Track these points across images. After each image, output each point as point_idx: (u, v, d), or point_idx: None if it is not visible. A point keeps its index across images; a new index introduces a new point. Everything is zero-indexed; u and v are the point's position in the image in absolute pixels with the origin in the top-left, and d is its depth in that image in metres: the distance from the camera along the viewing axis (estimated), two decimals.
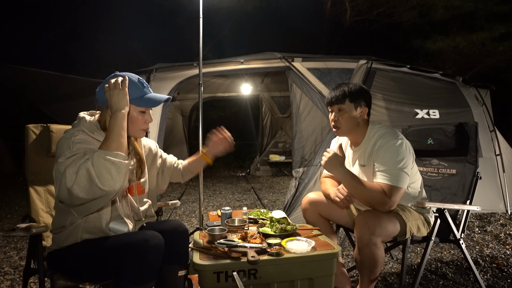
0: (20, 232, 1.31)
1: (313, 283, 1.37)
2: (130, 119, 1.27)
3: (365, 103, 1.75)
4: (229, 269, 1.28)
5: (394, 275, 2.24)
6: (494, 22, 7.68)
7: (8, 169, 7.43)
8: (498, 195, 3.80)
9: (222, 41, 11.29)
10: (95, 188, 1.04)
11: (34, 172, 1.61)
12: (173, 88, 3.89)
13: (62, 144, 1.15)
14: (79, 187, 1.03)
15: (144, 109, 1.31)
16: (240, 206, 4.46)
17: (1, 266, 2.42)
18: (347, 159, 1.87)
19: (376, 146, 1.66)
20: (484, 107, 4.13)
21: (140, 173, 1.43)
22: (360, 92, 1.74)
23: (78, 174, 1.04)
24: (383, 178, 1.58)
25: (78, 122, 1.27)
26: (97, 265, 1.21)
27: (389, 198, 1.56)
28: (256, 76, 6.55)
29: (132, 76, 1.30)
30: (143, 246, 1.13)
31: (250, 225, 1.79)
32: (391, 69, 3.92)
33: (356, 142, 1.81)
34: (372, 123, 1.78)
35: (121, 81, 1.21)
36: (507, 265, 2.38)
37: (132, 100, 1.26)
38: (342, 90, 1.74)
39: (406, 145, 1.64)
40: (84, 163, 1.06)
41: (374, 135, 1.72)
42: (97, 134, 1.25)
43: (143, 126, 1.34)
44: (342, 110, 1.73)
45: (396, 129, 1.74)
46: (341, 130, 1.77)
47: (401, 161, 1.58)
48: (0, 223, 3.61)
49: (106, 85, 1.22)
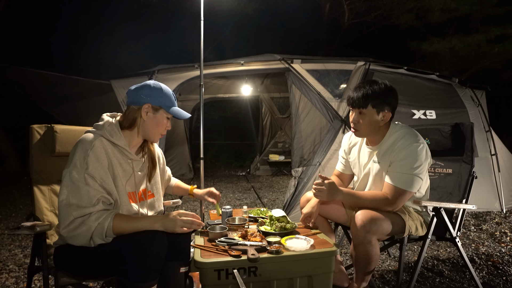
0: (24, 230, 1.31)
1: (312, 280, 1.38)
2: (157, 122, 1.38)
3: (389, 108, 1.62)
4: (230, 267, 1.28)
5: (391, 272, 2.24)
6: (490, 24, 7.69)
7: (13, 169, 7.42)
8: (493, 194, 3.80)
9: (223, 43, 11.29)
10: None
11: (39, 171, 1.61)
12: (175, 89, 3.89)
13: (79, 151, 1.23)
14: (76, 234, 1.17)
15: (170, 116, 1.42)
16: (241, 205, 4.46)
17: (6, 263, 2.42)
18: (361, 157, 1.81)
19: (396, 146, 1.60)
20: (480, 107, 4.13)
21: (151, 176, 1.48)
22: (385, 96, 1.60)
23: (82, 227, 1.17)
24: (395, 181, 1.57)
25: (101, 125, 1.33)
26: (101, 262, 1.21)
27: (394, 201, 1.56)
28: (256, 77, 6.55)
29: (169, 88, 1.44)
30: (146, 245, 1.13)
31: (250, 224, 1.79)
32: (388, 70, 3.92)
33: (374, 142, 1.73)
34: (393, 123, 1.70)
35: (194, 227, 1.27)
36: (502, 263, 2.38)
37: (164, 106, 1.37)
38: (365, 92, 1.60)
39: (426, 150, 1.59)
40: (92, 222, 1.17)
41: (393, 134, 1.65)
42: (116, 137, 1.31)
43: (163, 132, 1.42)
44: (363, 114, 1.63)
45: (416, 131, 1.66)
46: (360, 133, 1.69)
47: (419, 166, 1.55)
48: (5, 222, 3.61)
49: (184, 219, 1.25)
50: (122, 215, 1.23)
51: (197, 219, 1.28)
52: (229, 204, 4.20)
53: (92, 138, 1.26)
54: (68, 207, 1.17)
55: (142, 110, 1.35)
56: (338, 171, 2.01)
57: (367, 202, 1.61)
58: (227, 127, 11.37)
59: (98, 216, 1.18)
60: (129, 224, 1.20)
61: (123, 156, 1.34)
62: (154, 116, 1.37)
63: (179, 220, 1.22)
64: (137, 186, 1.40)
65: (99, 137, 1.27)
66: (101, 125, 1.32)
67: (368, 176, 1.77)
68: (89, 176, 1.18)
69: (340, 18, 10.57)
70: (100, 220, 1.17)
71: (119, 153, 1.32)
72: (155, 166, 1.51)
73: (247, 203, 4.55)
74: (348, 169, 1.95)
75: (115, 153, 1.30)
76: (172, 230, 1.22)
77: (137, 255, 1.12)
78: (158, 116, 1.37)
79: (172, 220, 1.22)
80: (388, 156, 1.63)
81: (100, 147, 1.25)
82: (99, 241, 1.18)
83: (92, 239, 1.18)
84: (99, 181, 1.21)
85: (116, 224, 1.19)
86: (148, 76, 3.85)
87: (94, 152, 1.22)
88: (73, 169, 1.19)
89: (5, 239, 3.01)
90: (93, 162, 1.21)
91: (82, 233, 1.17)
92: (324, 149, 3.46)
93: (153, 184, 1.49)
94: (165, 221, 1.22)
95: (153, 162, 1.50)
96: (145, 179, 1.45)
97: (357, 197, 1.64)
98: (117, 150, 1.31)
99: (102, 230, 1.17)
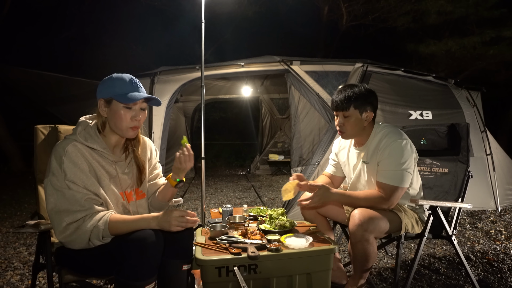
0: (29, 228, 1.31)
1: (310, 278, 1.38)
2: (114, 115, 1.25)
3: (371, 107, 1.67)
4: (230, 264, 1.28)
5: (388, 270, 2.24)
6: (485, 26, 7.69)
7: (17, 168, 7.42)
8: (488, 193, 3.80)
9: (224, 45, 11.29)
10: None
11: (43, 171, 1.60)
12: (176, 90, 3.89)
13: (53, 159, 1.19)
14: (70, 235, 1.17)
15: (130, 105, 1.26)
16: (241, 203, 4.46)
17: (11, 261, 2.42)
18: (351, 158, 1.84)
19: (380, 145, 1.63)
20: (475, 108, 4.12)
21: (140, 182, 1.43)
22: (366, 96, 1.65)
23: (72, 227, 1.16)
24: (386, 178, 1.59)
25: (75, 128, 1.28)
26: (100, 261, 1.21)
27: (388, 198, 1.57)
28: (256, 78, 6.54)
29: (124, 76, 1.29)
30: (142, 244, 1.12)
31: (250, 222, 1.79)
32: (386, 72, 3.92)
33: (360, 143, 1.77)
34: (377, 123, 1.74)
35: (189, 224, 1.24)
36: (497, 260, 2.38)
37: (115, 95, 1.24)
38: (346, 95, 1.65)
39: (410, 145, 1.62)
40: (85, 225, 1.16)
41: (378, 134, 1.68)
42: (90, 141, 1.25)
43: (131, 123, 1.28)
44: (347, 116, 1.67)
45: (399, 128, 1.70)
46: (346, 134, 1.73)
47: (406, 161, 1.57)
48: (10, 220, 3.61)
49: (178, 218, 1.21)
50: (118, 216, 1.22)
51: (192, 216, 1.25)
52: (230, 203, 4.20)
53: (64, 144, 1.21)
54: (59, 214, 1.16)
55: (99, 108, 1.28)
56: (329, 173, 2.03)
57: (362, 202, 1.62)
58: (228, 127, 11.37)
59: (91, 219, 1.16)
60: (125, 225, 1.19)
61: (104, 159, 1.29)
62: (110, 110, 1.26)
63: (173, 219, 1.21)
64: (124, 186, 1.36)
65: (72, 142, 1.22)
66: (74, 130, 1.27)
67: (359, 177, 1.80)
68: (70, 182, 1.16)
69: (339, 21, 10.56)
70: (96, 223, 1.16)
71: (99, 156, 1.28)
72: (143, 171, 1.42)
73: (247, 202, 4.54)
74: (339, 171, 1.98)
75: (94, 156, 1.26)
76: (167, 229, 1.21)
77: (134, 253, 1.11)
78: (114, 108, 1.25)
79: (166, 220, 1.20)
80: (375, 156, 1.66)
81: (74, 152, 1.20)
82: (97, 243, 1.18)
83: (91, 241, 1.18)
84: (81, 185, 1.18)
85: (113, 225, 1.18)
86: (150, 77, 3.85)
87: (68, 157, 1.18)
88: (52, 178, 1.17)
89: (10, 237, 3.01)
90: (70, 168, 1.17)
91: (79, 238, 1.16)
92: (323, 149, 3.46)
93: (144, 183, 1.45)
94: (161, 220, 1.21)
95: (140, 167, 1.41)
96: (134, 180, 1.40)
97: (352, 197, 1.66)
98: (95, 153, 1.27)
99: (99, 232, 1.16)
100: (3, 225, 3.41)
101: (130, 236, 1.15)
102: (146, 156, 1.48)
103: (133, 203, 1.39)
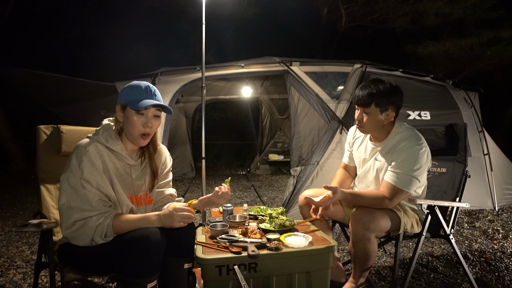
0: (31, 227, 1.31)
1: (310, 276, 1.38)
2: (127, 121, 1.29)
3: (393, 107, 1.60)
4: (231, 263, 1.28)
5: (387, 268, 2.24)
6: (483, 28, 7.70)
7: (20, 168, 7.42)
8: (486, 192, 3.80)
9: (224, 46, 11.27)
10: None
11: (45, 170, 1.61)
12: (177, 91, 3.88)
13: (74, 157, 1.22)
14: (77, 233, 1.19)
15: (141, 111, 1.28)
16: (241, 203, 4.46)
17: (14, 260, 2.42)
18: (364, 151, 1.80)
19: (398, 146, 1.60)
20: (473, 109, 4.12)
21: (152, 187, 1.44)
22: (389, 95, 1.58)
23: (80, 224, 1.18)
24: (393, 179, 1.58)
25: (98, 129, 1.32)
26: (103, 259, 1.21)
27: (391, 199, 1.57)
28: (256, 79, 6.55)
29: (141, 83, 1.32)
30: (144, 242, 1.13)
31: (251, 221, 1.79)
32: (384, 72, 3.91)
33: (378, 139, 1.72)
34: (398, 122, 1.69)
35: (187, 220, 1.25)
36: (495, 259, 2.38)
37: (129, 102, 1.27)
38: (369, 92, 1.58)
39: (427, 154, 1.60)
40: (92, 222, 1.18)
41: (398, 134, 1.64)
42: (111, 142, 1.29)
43: (142, 130, 1.29)
44: (367, 113, 1.62)
45: (419, 133, 1.65)
46: (364, 129, 1.69)
47: (418, 169, 1.56)
48: (13, 219, 3.61)
49: (181, 214, 1.23)
50: (121, 215, 1.23)
51: (189, 212, 1.26)
52: (230, 202, 4.19)
53: (86, 144, 1.25)
54: (69, 210, 1.18)
55: (116, 113, 1.32)
56: (344, 163, 2.02)
57: (365, 201, 1.61)
58: (228, 127, 11.36)
59: (98, 217, 1.18)
60: (128, 223, 1.21)
61: (120, 161, 1.32)
62: (124, 115, 1.30)
63: (176, 215, 1.22)
64: (136, 190, 1.38)
65: (94, 142, 1.26)
66: (98, 130, 1.31)
67: (368, 172, 1.78)
68: (84, 181, 1.19)
69: (338, 22, 10.57)
70: (100, 221, 1.18)
71: (116, 158, 1.31)
72: (156, 176, 1.44)
73: (247, 201, 4.54)
74: (352, 161, 1.96)
75: (111, 158, 1.29)
76: (170, 226, 1.22)
77: (136, 251, 1.12)
78: (127, 114, 1.28)
79: (169, 216, 1.22)
80: (390, 156, 1.64)
81: (94, 152, 1.24)
82: (100, 241, 1.19)
83: (93, 239, 1.18)
84: (95, 185, 1.20)
85: (116, 223, 1.19)
86: (151, 78, 3.85)
87: (88, 157, 1.21)
88: (69, 174, 1.20)
89: (12, 236, 3.01)
90: (88, 167, 1.20)
91: (83, 234, 1.17)
92: (322, 149, 3.46)
93: (154, 189, 1.46)
94: (163, 217, 1.22)
95: (154, 172, 1.42)
96: (145, 185, 1.41)
97: (357, 195, 1.65)
98: (113, 155, 1.30)
99: (102, 230, 1.18)
100: (5, 224, 3.41)
101: (133, 234, 1.16)
102: (161, 162, 1.49)
103: (142, 207, 1.40)
